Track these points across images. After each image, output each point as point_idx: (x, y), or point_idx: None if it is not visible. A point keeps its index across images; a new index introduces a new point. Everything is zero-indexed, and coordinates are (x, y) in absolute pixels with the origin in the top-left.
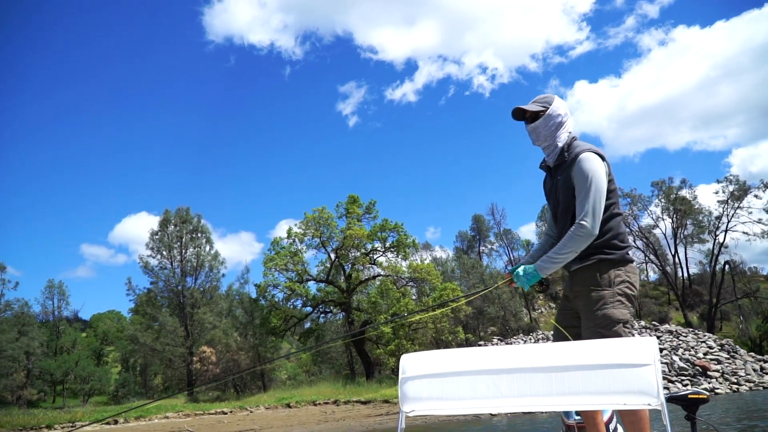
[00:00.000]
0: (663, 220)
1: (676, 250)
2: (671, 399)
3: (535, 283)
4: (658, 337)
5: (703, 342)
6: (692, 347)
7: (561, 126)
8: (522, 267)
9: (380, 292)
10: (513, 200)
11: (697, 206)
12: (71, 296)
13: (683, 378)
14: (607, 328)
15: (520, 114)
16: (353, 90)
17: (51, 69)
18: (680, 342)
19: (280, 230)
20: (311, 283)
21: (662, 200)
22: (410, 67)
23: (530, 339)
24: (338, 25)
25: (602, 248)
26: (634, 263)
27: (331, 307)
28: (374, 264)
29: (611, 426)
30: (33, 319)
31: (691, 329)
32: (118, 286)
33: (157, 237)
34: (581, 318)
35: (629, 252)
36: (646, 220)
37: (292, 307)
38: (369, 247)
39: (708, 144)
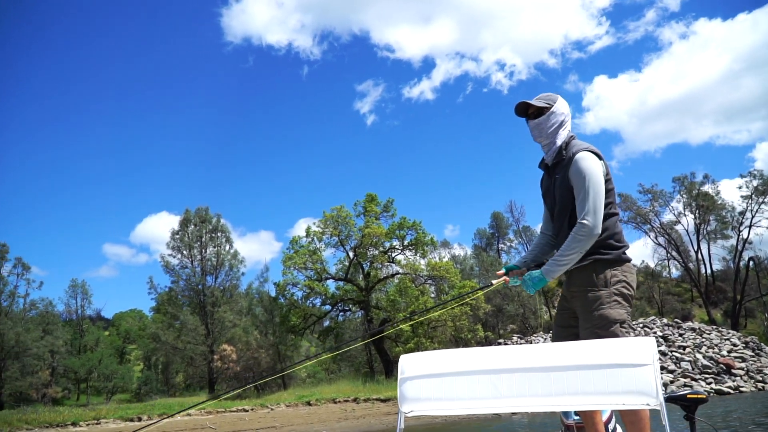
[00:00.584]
0: (685, 216)
1: (698, 247)
2: (670, 399)
3: (542, 287)
4: (681, 335)
5: (727, 339)
6: (716, 345)
7: (562, 125)
8: (528, 272)
9: (399, 291)
10: (532, 197)
11: (720, 202)
12: (94, 295)
13: (707, 376)
14: (603, 329)
15: (523, 109)
16: (370, 88)
17: (74, 71)
18: (704, 340)
19: (299, 229)
20: (330, 282)
21: (684, 196)
22: (427, 65)
23: (550, 337)
24: (355, 24)
25: (598, 248)
26: (631, 263)
27: (350, 306)
28: (393, 262)
29: (610, 426)
30: (57, 318)
31: (714, 327)
32: (139, 285)
33: (177, 236)
34: (579, 318)
35: (626, 251)
36: (667, 216)
37: (311, 305)
38: (387, 245)
39: (731, 138)
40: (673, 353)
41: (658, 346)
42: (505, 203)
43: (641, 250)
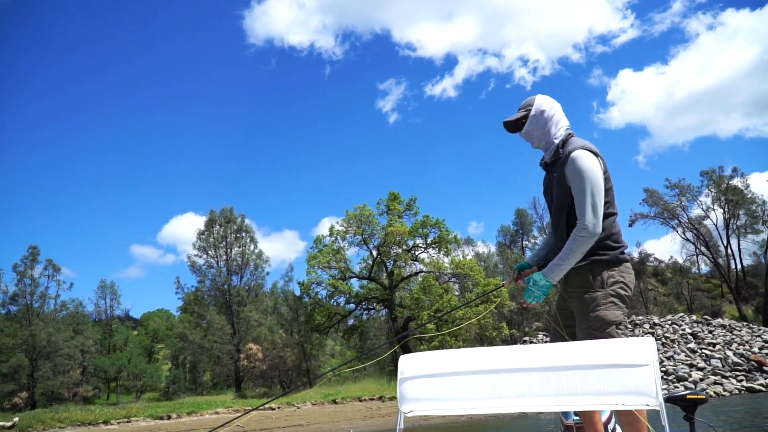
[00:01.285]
0: (714, 210)
1: (728, 242)
2: (670, 399)
3: (549, 292)
4: (711, 332)
5: (759, 336)
6: (747, 342)
7: (549, 121)
8: (532, 279)
9: (423, 289)
10: None
11: (750, 195)
12: (122, 296)
13: (737, 373)
14: (599, 330)
15: (511, 127)
16: (393, 87)
17: (103, 77)
18: (734, 336)
19: (323, 228)
20: (354, 280)
21: (713, 190)
22: (449, 62)
23: None
24: (376, 22)
25: (595, 249)
26: (629, 263)
27: (374, 304)
28: (416, 260)
29: (610, 426)
30: (87, 318)
31: (745, 323)
32: (167, 285)
33: (203, 237)
34: (576, 319)
35: (623, 251)
36: (696, 211)
37: (335, 304)
38: (410, 243)
39: (761, 131)
40: (703, 350)
41: (687, 343)
42: (529, 200)
43: (669, 246)
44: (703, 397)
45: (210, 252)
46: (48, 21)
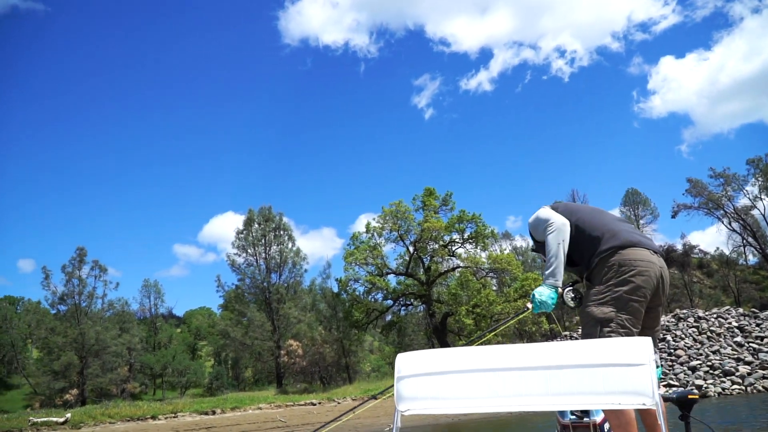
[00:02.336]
0: (761, 199)
1: None
2: (665, 399)
3: (555, 298)
4: (759, 325)
5: None
6: None
7: (539, 226)
8: (535, 294)
9: (460, 284)
10: (595, 185)
11: None
12: (166, 294)
13: None
14: (587, 326)
15: (534, 250)
16: (427, 82)
17: (146, 82)
18: None
19: (360, 225)
20: (391, 277)
21: (760, 179)
22: (485, 56)
23: None
24: (409, 18)
25: (590, 251)
26: (632, 249)
27: (412, 300)
28: (453, 256)
29: (606, 426)
30: (132, 316)
31: None
32: (208, 284)
33: (242, 236)
34: None
35: (620, 240)
36: (742, 201)
37: (373, 300)
38: (447, 239)
39: None
40: (750, 344)
41: (734, 337)
42: (567, 192)
43: (714, 237)
44: (697, 396)
45: (249, 250)
46: (91, 28)
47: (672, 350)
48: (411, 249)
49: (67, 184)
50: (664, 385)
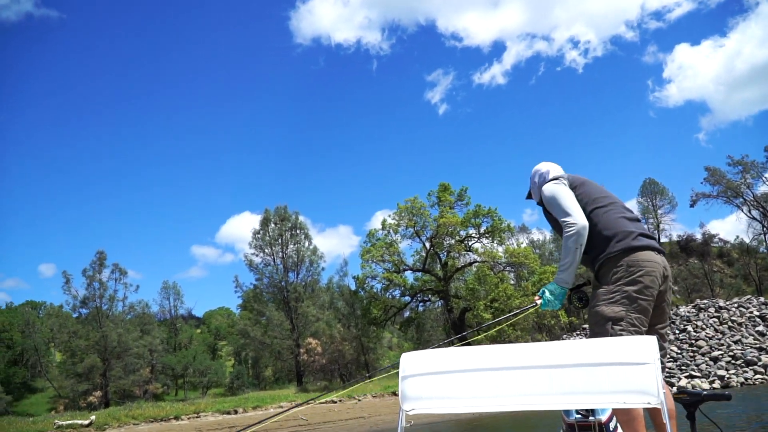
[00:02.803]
0: None
1: None
2: (675, 399)
3: (564, 297)
4: None
5: None
6: None
7: (542, 178)
8: (546, 290)
9: (477, 279)
10: (612, 176)
11: None
12: (185, 295)
13: None
14: (597, 325)
15: (529, 196)
16: (440, 77)
17: (159, 84)
18: None
19: (376, 222)
20: (408, 273)
21: None
22: (497, 49)
23: None
24: (420, 14)
25: (600, 248)
26: (643, 252)
27: (430, 296)
28: (470, 251)
29: (611, 425)
30: (152, 318)
31: None
32: (226, 284)
33: (258, 236)
34: None
35: (632, 241)
36: (762, 188)
37: (390, 297)
38: (463, 234)
39: None
40: None
41: (755, 326)
42: None
43: (734, 226)
44: (702, 396)
45: (266, 250)
46: (104, 32)
47: (693, 341)
48: (427, 245)
49: (86, 188)
50: (686, 377)
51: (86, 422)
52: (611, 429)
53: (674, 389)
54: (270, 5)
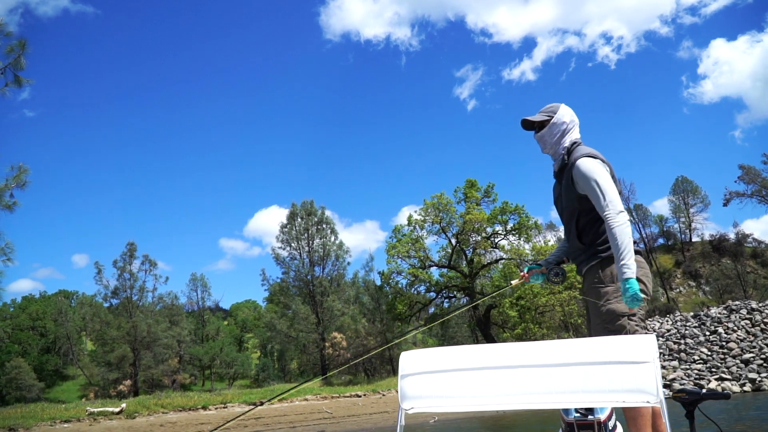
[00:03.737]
0: None
1: None
2: (674, 398)
3: (639, 293)
4: None
5: None
6: None
7: (566, 133)
8: (626, 292)
9: (503, 276)
10: (643, 173)
11: None
12: (212, 287)
13: None
14: (611, 323)
15: (528, 125)
16: (469, 73)
17: (192, 84)
18: None
19: (403, 217)
20: (433, 269)
21: None
22: (528, 45)
23: (666, 321)
24: (449, 9)
25: (603, 247)
26: (639, 256)
27: (455, 292)
28: (496, 248)
29: (610, 423)
30: (181, 309)
31: None
32: (253, 277)
33: (285, 230)
34: (590, 315)
35: (635, 246)
36: None
37: (415, 292)
38: (490, 230)
39: None
40: None
41: None
42: None
43: None
44: (701, 395)
45: (293, 244)
46: (139, 28)
47: (724, 343)
48: (453, 241)
49: (118, 181)
50: (716, 379)
51: (117, 410)
52: (610, 428)
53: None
54: (300, 1)
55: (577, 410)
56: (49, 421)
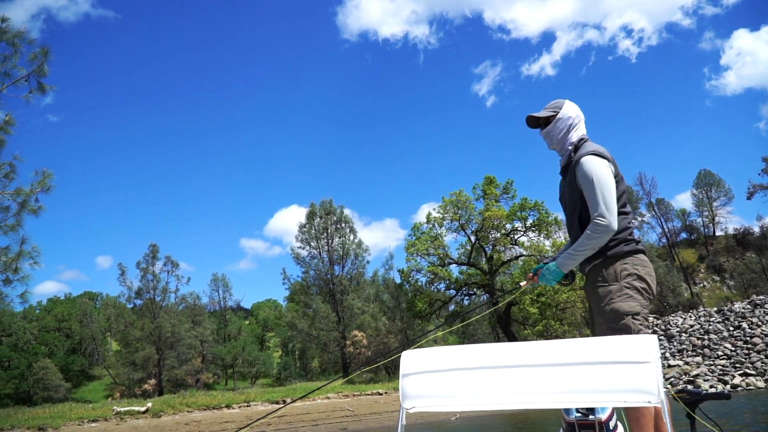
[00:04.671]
0: None
1: None
2: (678, 398)
3: (560, 279)
4: None
5: None
6: None
7: (572, 129)
8: (546, 267)
9: (524, 273)
10: (664, 167)
11: None
12: (233, 287)
13: None
14: (615, 322)
15: (533, 122)
16: (488, 69)
17: (211, 87)
18: None
19: (422, 215)
20: (453, 266)
21: None
22: (546, 39)
23: (690, 316)
24: (466, 5)
25: (608, 245)
26: (643, 255)
27: (475, 289)
28: (516, 244)
29: (611, 423)
30: (203, 309)
31: None
32: (274, 276)
33: (305, 229)
34: (594, 315)
35: (636, 246)
36: None
37: (435, 290)
38: (509, 227)
39: None
40: None
41: None
42: (635, 175)
43: None
44: (702, 395)
45: (312, 243)
46: (158, 32)
47: (748, 338)
48: (472, 238)
49: (140, 183)
50: (740, 374)
51: (143, 409)
52: (611, 428)
53: (674, 388)
54: (317, 1)
55: (578, 410)
56: (77, 421)
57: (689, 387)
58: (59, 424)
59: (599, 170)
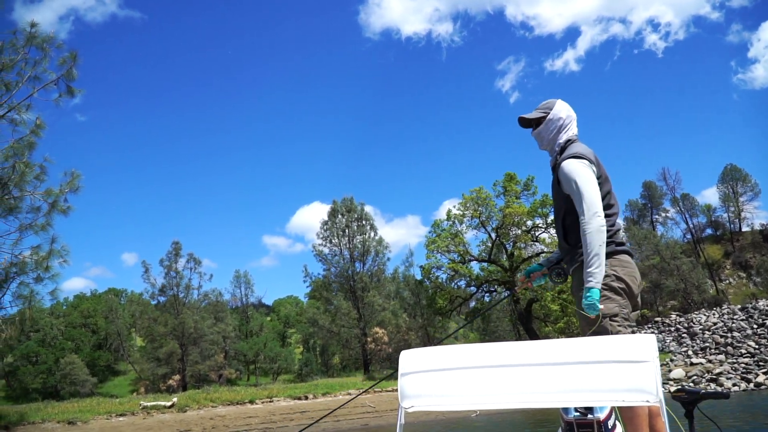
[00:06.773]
0: None
1: None
2: (674, 398)
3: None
4: None
5: None
6: None
7: (562, 129)
8: (585, 299)
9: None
10: (690, 163)
11: None
12: (255, 284)
13: None
14: (593, 324)
15: (525, 123)
16: (511, 65)
17: (234, 87)
18: None
19: (444, 211)
20: (474, 263)
21: None
22: (571, 34)
23: (713, 314)
24: (487, 1)
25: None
26: (626, 256)
27: (495, 286)
28: (537, 241)
29: (610, 422)
30: (225, 306)
31: None
32: (295, 273)
33: (326, 226)
34: (579, 315)
35: (620, 247)
36: None
37: (456, 287)
38: (530, 224)
39: None
40: None
41: None
42: (658, 170)
43: None
44: (701, 394)
45: (333, 240)
46: (183, 32)
47: None
48: (493, 235)
49: (165, 181)
50: (764, 372)
51: (168, 404)
52: (610, 427)
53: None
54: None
55: (576, 409)
56: (105, 415)
57: (687, 386)
58: (88, 418)
59: (578, 170)
